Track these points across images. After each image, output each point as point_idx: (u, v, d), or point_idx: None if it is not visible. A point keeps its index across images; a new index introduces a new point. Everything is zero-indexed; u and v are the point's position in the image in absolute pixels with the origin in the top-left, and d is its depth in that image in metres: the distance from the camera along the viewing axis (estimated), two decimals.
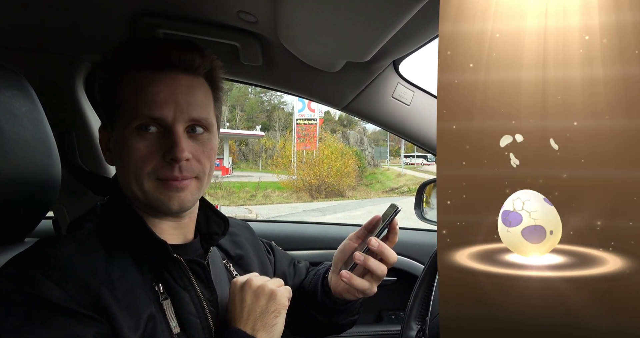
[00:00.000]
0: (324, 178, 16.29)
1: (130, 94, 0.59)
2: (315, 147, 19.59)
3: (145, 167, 0.58)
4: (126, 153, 0.58)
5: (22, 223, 0.70)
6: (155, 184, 0.59)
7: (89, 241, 0.58)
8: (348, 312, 0.78)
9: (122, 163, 0.60)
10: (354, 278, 0.67)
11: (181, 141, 0.58)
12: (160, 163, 0.58)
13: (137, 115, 0.58)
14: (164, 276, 0.60)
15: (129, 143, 0.58)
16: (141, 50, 0.61)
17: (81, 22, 0.87)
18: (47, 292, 0.50)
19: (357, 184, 18.79)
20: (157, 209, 0.61)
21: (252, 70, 1.07)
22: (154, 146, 0.58)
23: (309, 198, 15.52)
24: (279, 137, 29.98)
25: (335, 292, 0.74)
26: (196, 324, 0.60)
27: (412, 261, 1.38)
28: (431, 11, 0.72)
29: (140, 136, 0.58)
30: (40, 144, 0.68)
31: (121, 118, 0.60)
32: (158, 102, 0.58)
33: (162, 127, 0.59)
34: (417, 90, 1.13)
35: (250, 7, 0.78)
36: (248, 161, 31.23)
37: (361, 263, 0.66)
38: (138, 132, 0.58)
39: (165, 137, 0.58)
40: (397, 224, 0.69)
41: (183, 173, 0.59)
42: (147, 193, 0.59)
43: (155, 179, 0.59)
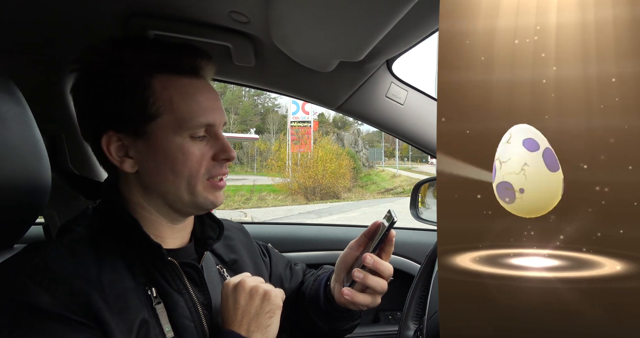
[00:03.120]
0: (319, 180, 16.30)
1: (178, 101, 0.59)
2: (309, 149, 19.60)
3: (201, 169, 0.61)
4: (179, 159, 0.60)
5: (10, 228, 0.68)
6: (206, 185, 0.62)
7: (79, 246, 0.57)
8: (350, 318, 0.78)
9: (169, 169, 0.60)
10: (356, 295, 0.68)
11: (227, 142, 0.64)
12: (212, 164, 0.62)
13: (192, 123, 0.60)
14: (158, 280, 0.59)
15: (184, 149, 0.60)
16: (173, 53, 0.61)
17: (70, 23, 0.85)
18: (36, 298, 0.49)
19: (352, 186, 18.82)
20: (200, 209, 0.64)
21: (244, 71, 1.06)
22: (204, 149, 0.62)
23: (304, 201, 15.51)
24: (274, 140, 29.98)
25: (338, 302, 0.74)
26: (191, 328, 0.59)
27: (409, 260, 1.38)
28: (423, 10, 0.72)
29: (193, 142, 0.61)
30: (29, 148, 0.66)
31: (166, 124, 0.59)
32: (211, 109, 0.62)
33: (208, 132, 0.62)
34: (410, 89, 1.13)
35: (242, 7, 0.78)
36: (242, 164, 31.16)
37: (360, 280, 0.66)
38: (191, 138, 0.61)
39: (213, 140, 0.63)
40: (394, 235, 0.69)
41: (227, 169, 0.65)
42: (198, 193, 0.61)
43: (207, 181, 0.62)
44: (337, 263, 0.76)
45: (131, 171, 0.60)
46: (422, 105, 1.14)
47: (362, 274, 0.66)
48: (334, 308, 0.75)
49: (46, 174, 0.69)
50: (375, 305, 0.70)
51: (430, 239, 1.42)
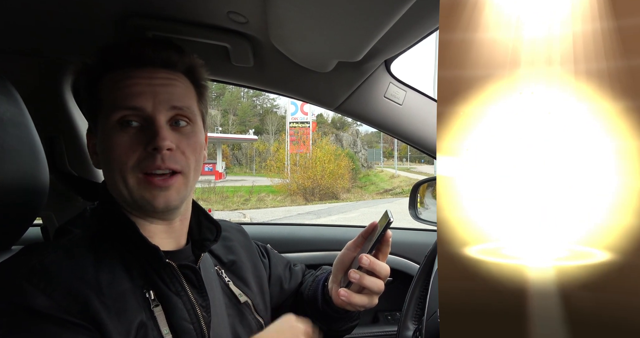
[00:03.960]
0: (318, 181, 16.29)
1: (109, 91, 0.60)
2: (308, 150, 19.60)
3: (129, 160, 0.57)
4: (109, 148, 0.58)
5: (8, 230, 0.68)
6: (139, 181, 0.58)
7: (76, 247, 0.56)
8: (348, 319, 0.78)
9: (106, 161, 0.59)
10: (352, 296, 0.67)
11: (162, 130, 0.58)
12: (143, 155, 0.57)
13: (116, 108, 0.58)
14: (156, 282, 0.59)
15: (111, 138, 0.57)
16: (118, 50, 0.61)
17: (67, 24, 0.85)
18: (34, 301, 0.49)
19: (351, 187, 18.82)
20: (142, 209, 0.60)
21: (243, 71, 1.06)
22: (135, 138, 0.58)
23: (303, 201, 15.50)
24: (272, 140, 29.99)
25: (336, 303, 0.73)
26: (190, 330, 0.59)
27: (407, 261, 1.38)
28: (421, 10, 0.72)
29: (123, 131, 0.58)
30: (26, 150, 0.66)
31: (102, 116, 0.60)
32: (136, 93, 0.58)
33: (144, 119, 0.58)
34: (409, 89, 1.13)
35: (240, 7, 0.78)
36: (241, 165, 31.14)
37: (357, 281, 0.66)
38: (120, 127, 0.58)
39: (147, 128, 0.58)
40: (390, 236, 0.68)
41: (166, 163, 0.57)
42: (132, 190, 0.58)
43: (140, 174, 0.58)
44: (334, 264, 0.75)
45: (99, 168, 0.63)
46: (421, 105, 1.14)
47: (359, 275, 0.66)
48: (332, 309, 0.74)
49: (44, 175, 0.69)
50: (372, 305, 0.69)
51: (429, 239, 1.42)
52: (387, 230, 0.67)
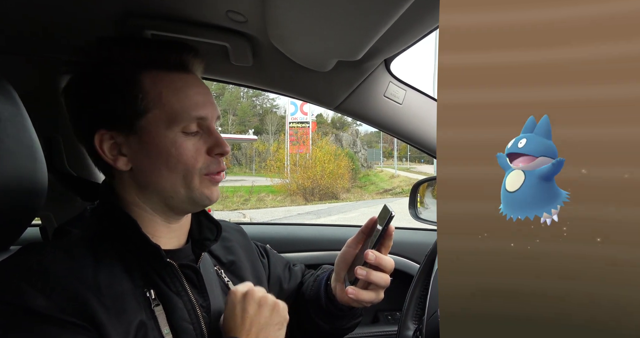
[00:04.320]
0: (318, 181, 16.30)
1: (167, 96, 0.60)
2: (308, 150, 19.60)
3: (197, 164, 0.61)
4: (174, 153, 0.60)
5: (6, 230, 0.67)
6: (202, 180, 0.62)
7: (75, 248, 0.56)
8: (352, 316, 0.78)
9: (164, 164, 0.60)
10: (360, 293, 0.67)
11: (221, 137, 0.63)
12: (208, 159, 0.62)
13: (184, 117, 0.60)
14: (156, 282, 0.59)
15: (177, 144, 0.60)
16: (161, 49, 0.61)
17: (66, 24, 0.85)
18: (32, 301, 0.48)
19: (350, 186, 18.83)
20: (197, 204, 0.64)
21: (242, 71, 1.06)
22: (199, 144, 0.62)
23: (303, 201, 15.50)
24: (272, 140, 29.98)
25: (341, 301, 0.74)
26: (190, 331, 0.58)
27: (408, 260, 1.38)
28: (421, 9, 0.72)
29: (186, 137, 0.61)
30: (25, 150, 0.66)
31: (157, 120, 0.59)
32: (202, 103, 0.62)
33: (201, 126, 0.62)
34: (408, 89, 1.13)
35: (239, 6, 0.77)
36: (241, 165, 31.13)
37: (364, 277, 0.66)
38: (184, 133, 0.60)
39: (207, 135, 0.63)
40: (393, 230, 0.68)
41: (222, 165, 0.64)
42: (194, 189, 0.61)
43: (204, 175, 0.62)
44: (336, 262, 0.75)
45: (125, 168, 0.60)
46: (421, 104, 1.14)
47: (365, 271, 0.66)
48: (336, 307, 0.74)
49: (42, 175, 0.69)
50: (379, 300, 0.70)
51: (429, 239, 1.42)
52: (390, 225, 0.67)
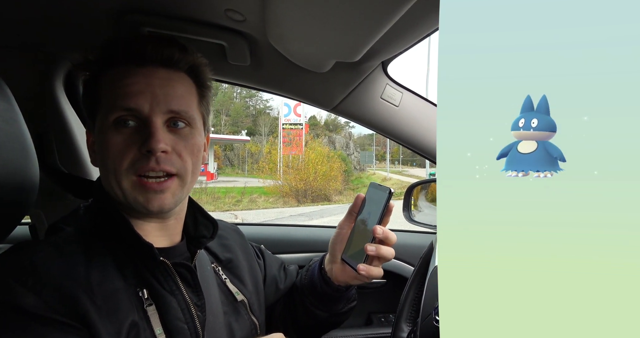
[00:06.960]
0: (311, 183, 16.28)
1: (108, 89, 0.58)
2: (301, 152, 19.59)
3: (123, 162, 0.56)
4: (105, 148, 0.57)
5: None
6: (133, 183, 0.57)
7: (67, 246, 0.55)
8: (347, 299, 0.79)
9: (102, 160, 0.58)
10: (371, 269, 0.68)
11: (158, 132, 0.56)
12: (137, 156, 0.56)
13: (113, 108, 0.57)
14: (149, 281, 0.58)
15: (107, 137, 0.56)
16: (119, 46, 0.59)
17: (62, 19, 0.84)
18: (22, 300, 0.47)
19: (343, 189, 18.84)
20: (136, 211, 0.59)
21: (239, 70, 1.05)
22: (131, 139, 0.56)
23: (296, 203, 15.47)
24: (265, 142, 29.91)
25: (338, 281, 0.74)
26: (184, 330, 0.58)
27: (402, 263, 1.38)
28: (420, 11, 0.72)
29: (118, 131, 0.57)
30: (16, 145, 0.64)
31: (100, 115, 0.59)
32: (133, 93, 0.57)
33: (140, 120, 0.57)
34: (405, 91, 1.13)
35: (238, 5, 0.77)
36: (233, 166, 30.99)
37: (374, 253, 0.67)
38: (116, 127, 0.57)
39: (143, 130, 0.57)
40: (393, 206, 0.70)
41: (161, 165, 0.56)
42: (126, 192, 0.57)
43: (134, 176, 0.56)
44: (331, 245, 0.76)
45: (97, 166, 0.62)
46: (417, 107, 1.15)
47: (374, 247, 0.67)
48: (333, 289, 0.75)
49: (34, 172, 0.67)
50: (381, 275, 0.71)
51: (423, 241, 1.42)
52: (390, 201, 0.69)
